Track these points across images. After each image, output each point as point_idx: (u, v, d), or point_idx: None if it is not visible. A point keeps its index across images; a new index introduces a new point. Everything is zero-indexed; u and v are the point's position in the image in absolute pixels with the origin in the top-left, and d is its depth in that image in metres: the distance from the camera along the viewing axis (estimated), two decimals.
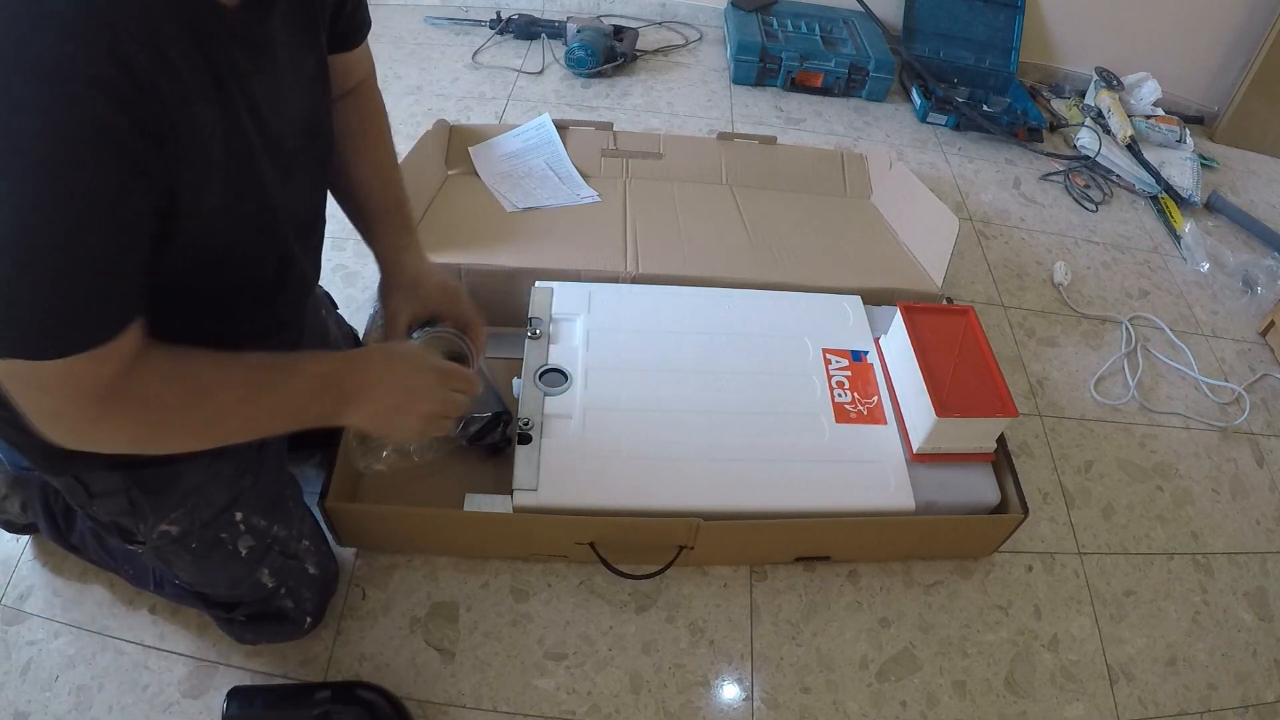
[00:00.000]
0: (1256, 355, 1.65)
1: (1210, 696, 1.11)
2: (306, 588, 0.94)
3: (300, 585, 0.93)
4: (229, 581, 0.89)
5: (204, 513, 0.81)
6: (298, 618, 0.95)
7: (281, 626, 0.96)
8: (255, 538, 0.86)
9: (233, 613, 0.94)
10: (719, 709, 1.01)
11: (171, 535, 0.81)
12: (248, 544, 0.86)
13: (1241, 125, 2.29)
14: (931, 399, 1.04)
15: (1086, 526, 1.28)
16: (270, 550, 0.88)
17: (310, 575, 0.94)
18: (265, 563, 0.88)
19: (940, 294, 1.36)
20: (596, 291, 1.24)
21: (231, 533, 0.85)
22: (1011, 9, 2.22)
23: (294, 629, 0.96)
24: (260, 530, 0.87)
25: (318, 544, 0.96)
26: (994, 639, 1.12)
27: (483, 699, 0.98)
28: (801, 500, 1.04)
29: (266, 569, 0.89)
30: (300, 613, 0.95)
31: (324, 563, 0.97)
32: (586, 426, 1.07)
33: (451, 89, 1.99)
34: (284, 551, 0.90)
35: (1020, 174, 2.01)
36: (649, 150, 1.60)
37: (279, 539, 0.89)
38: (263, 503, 0.87)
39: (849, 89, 2.17)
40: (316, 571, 0.95)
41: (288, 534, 0.90)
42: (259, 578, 0.89)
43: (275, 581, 0.90)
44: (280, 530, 0.89)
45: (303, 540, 0.93)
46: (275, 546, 0.89)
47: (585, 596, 1.08)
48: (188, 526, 0.81)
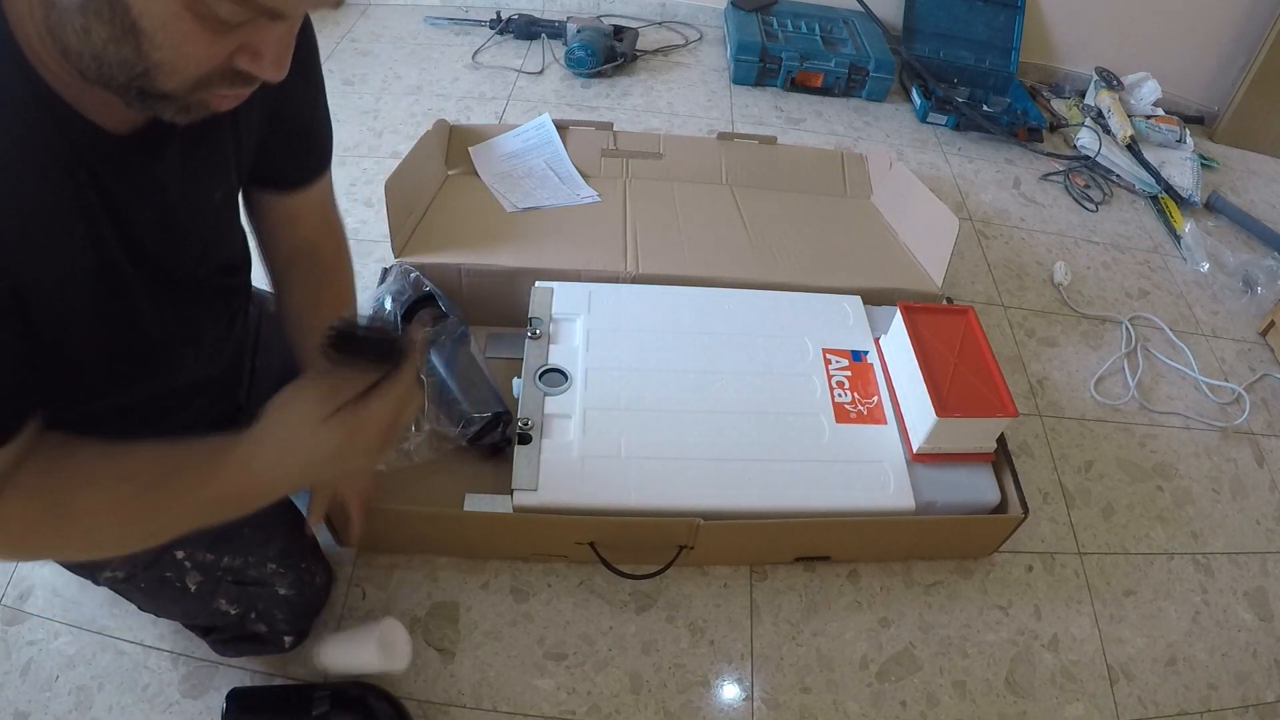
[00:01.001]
0: (1256, 355, 1.65)
1: (1210, 696, 1.11)
2: (279, 609, 0.90)
3: (271, 608, 0.90)
4: (185, 614, 0.89)
5: (143, 556, 0.80)
6: (274, 639, 0.93)
7: (263, 646, 0.95)
8: (202, 573, 0.84)
9: (209, 636, 0.94)
10: (719, 709, 1.01)
11: (119, 578, 0.82)
12: (195, 580, 0.84)
13: (1241, 125, 2.29)
14: (931, 399, 1.04)
15: (1086, 526, 1.28)
16: (222, 582, 0.85)
17: (281, 597, 0.89)
18: (219, 593, 0.86)
19: (940, 294, 1.36)
20: (596, 291, 1.24)
21: (176, 571, 0.83)
22: (1011, 9, 2.22)
23: (275, 648, 0.95)
24: (207, 565, 0.84)
25: (290, 564, 0.90)
26: (994, 639, 1.12)
27: (483, 699, 0.98)
28: (801, 500, 1.04)
29: (223, 599, 0.86)
30: (275, 634, 0.93)
31: (300, 581, 0.91)
32: (586, 426, 1.07)
33: (451, 89, 1.99)
34: (239, 580, 0.86)
35: (1020, 174, 2.01)
36: (649, 150, 1.60)
37: (231, 568, 0.85)
38: (206, 538, 0.82)
39: (849, 89, 2.17)
40: (291, 592, 0.90)
41: (242, 562, 0.86)
42: (217, 607, 0.87)
43: (238, 609, 0.88)
44: (232, 560, 0.85)
45: (266, 564, 0.88)
46: (228, 577, 0.86)
47: (585, 596, 1.08)
48: (131, 570, 0.81)
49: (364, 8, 2.29)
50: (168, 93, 0.48)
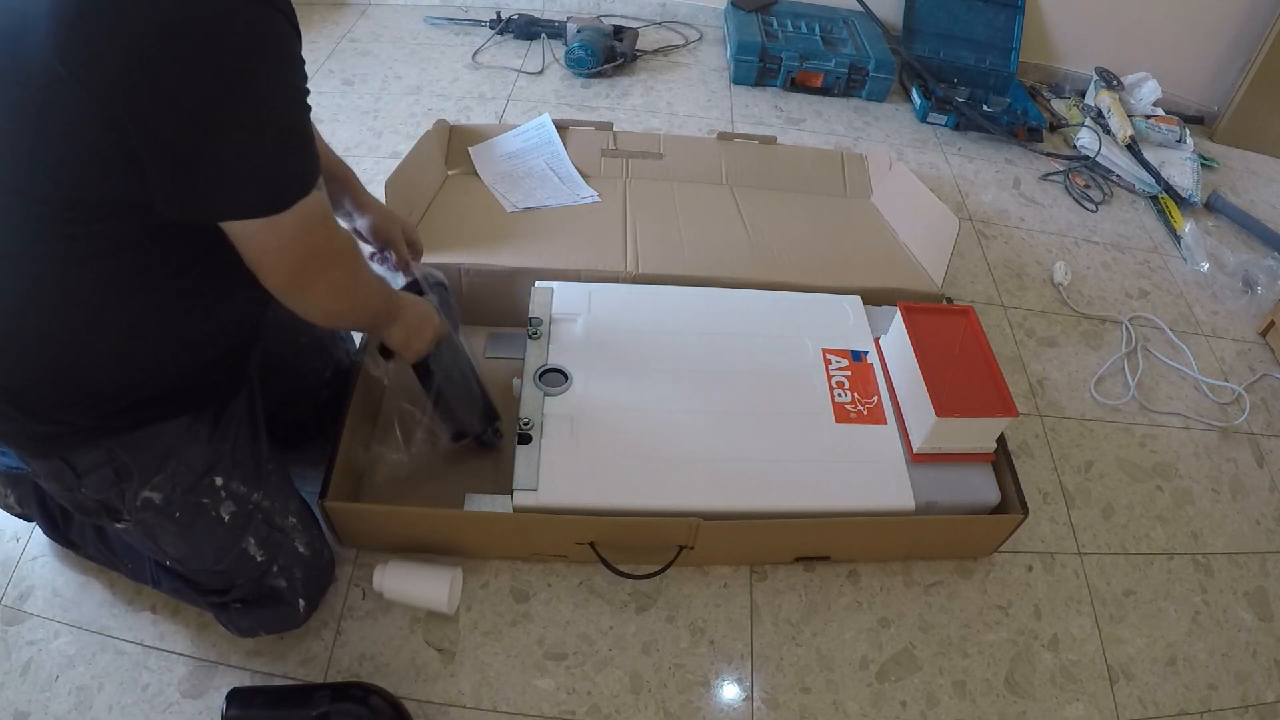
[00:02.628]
0: (1256, 355, 1.65)
1: (1210, 696, 1.11)
2: (298, 566, 0.95)
3: (291, 563, 0.94)
4: (216, 552, 0.90)
5: (184, 478, 0.84)
6: (291, 599, 0.95)
7: (277, 610, 0.96)
8: (237, 503, 0.89)
9: (226, 597, 0.94)
10: (719, 709, 1.01)
11: (155, 504, 0.83)
12: (230, 510, 0.88)
13: (1241, 125, 2.29)
14: (931, 399, 1.04)
15: (1086, 526, 1.28)
16: (254, 517, 0.90)
17: (300, 554, 0.95)
18: (250, 530, 0.90)
19: (940, 294, 1.36)
20: (596, 291, 1.24)
21: (213, 498, 0.87)
22: (1011, 9, 2.22)
23: (290, 613, 0.96)
24: (241, 496, 0.89)
25: (307, 525, 0.97)
26: (994, 639, 1.12)
27: (483, 699, 0.98)
28: (801, 500, 1.04)
29: (253, 538, 0.91)
30: (293, 593, 0.95)
31: (315, 545, 0.98)
32: (586, 426, 1.07)
33: (451, 89, 1.99)
34: (269, 522, 0.92)
35: (1020, 174, 2.01)
36: (649, 150, 1.60)
37: (262, 508, 0.91)
38: (241, 469, 0.89)
39: (849, 89, 2.17)
40: (307, 551, 0.96)
41: (271, 505, 0.92)
42: (245, 548, 0.90)
43: (264, 555, 0.92)
44: (263, 499, 0.91)
45: (289, 516, 0.95)
46: (259, 514, 0.91)
47: (585, 596, 1.08)
48: (169, 494, 0.84)
49: (364, 8, 2.29)
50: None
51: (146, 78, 0.58)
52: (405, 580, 1.02)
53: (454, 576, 1.03)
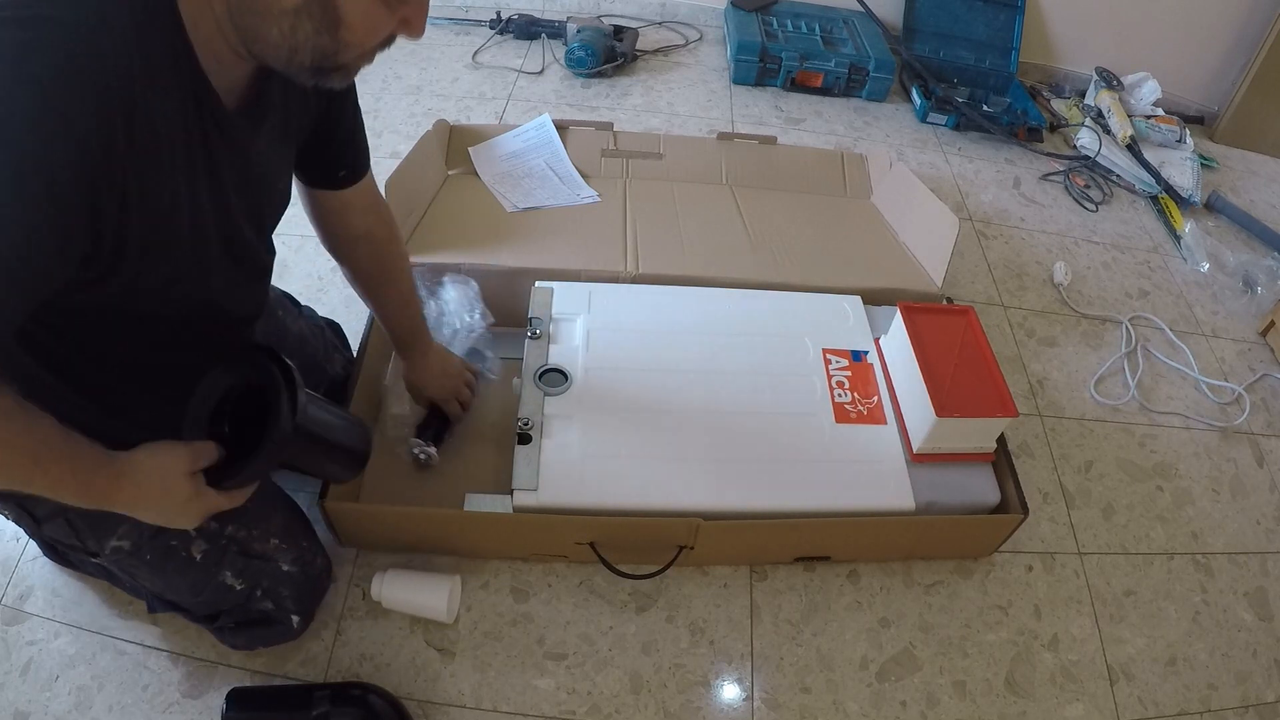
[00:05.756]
0: (1256, 355, 1.65)
1: (1210, 696, 1.11)
2: (284, 587, 0.92)
3: (276, 585, 0.91)
4: (191, 588, 0.88)
5: (148, 526, 0.77)
6: (283, 619, 0.94)
7: (271, 629, 0.95)
8: (209, 540, 0.85)
9: (217, 622, 0.94)
10: (719, 709, 1.01)
11: (125, 549, 0.82)
12: (201, 548, 0.85)
13: (1241, 125, 2.29)
14: (931, 399, 1.04)
15: (1086, 526, 1.28)
16: (228, 551, 0.87)
17: (285, 573, 0.92)
18: (225, 565, 0.87)
19: (940, 294, 1.36)
20: (596, 291, 1.24)
21: (182, 539, 0.84)
22: (1011, 9, 2.22)
23: (284, 630, 0.95)
24: (212, 533, 0.86)
25: (293, 540, 0.94)
26: (994, 639, 1.12)
27: (483, 699, 0.98)
28: (801, 500, 1.04)
29: (228, 571, 0.87)
30: (283, 613, 0.93)
31: (304, 559, 0.94)
32: (586, 426, 1.07)
33: (451, 89, 1.99)
34: (244, 552, 0.88)
35: (1020, 174, 2.01)
36: (649, 150, 1.59)
37: (237, 539, 0.87)
38: None
39: (849, 89, 2.17)
40: (293, 568, 0.93)
41: (247, 534, 0.88)
42: (222, 580, 0.87)
43: (244, 584, 0.89)
44: (237, 531, 0.88)
45: (269, 539, 0.90)
46: (233, 547, 0.87)
47: (585, 596, 1.08)
48: (137, 540, 0.82)
49: None
50: (344, 64, 0.61)
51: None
52: (403, 589, 1.02)
53: (453, 585, 1.02)
